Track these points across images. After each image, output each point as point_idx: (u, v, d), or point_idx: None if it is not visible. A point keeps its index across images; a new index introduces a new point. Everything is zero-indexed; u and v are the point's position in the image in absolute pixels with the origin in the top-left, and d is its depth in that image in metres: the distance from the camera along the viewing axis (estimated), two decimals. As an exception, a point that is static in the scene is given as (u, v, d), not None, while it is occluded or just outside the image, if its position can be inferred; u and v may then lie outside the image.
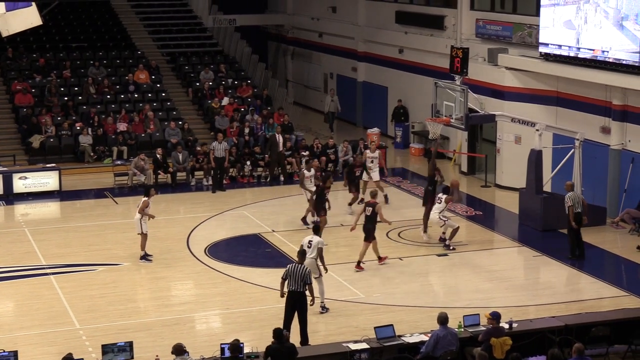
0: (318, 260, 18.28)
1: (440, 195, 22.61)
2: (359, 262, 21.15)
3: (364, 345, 15.48)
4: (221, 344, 15.01)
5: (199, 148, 29.86)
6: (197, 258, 22.20)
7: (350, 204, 25.55)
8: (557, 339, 15.90)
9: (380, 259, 21.40)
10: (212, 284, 20.52)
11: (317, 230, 18.92)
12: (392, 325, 16.03)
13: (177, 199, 27.95)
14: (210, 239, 23.57)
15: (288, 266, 17.15)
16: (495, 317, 15.54)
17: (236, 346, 14.59)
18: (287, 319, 16.84)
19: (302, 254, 17.42)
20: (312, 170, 25.35)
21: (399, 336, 15.84)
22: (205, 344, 16.38)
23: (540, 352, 15.74)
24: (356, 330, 17.17)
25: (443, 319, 15.42)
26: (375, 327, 15.93)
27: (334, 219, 24.66)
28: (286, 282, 16.90)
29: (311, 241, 18.40)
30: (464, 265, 21.65)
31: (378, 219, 21.13)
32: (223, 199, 27.51)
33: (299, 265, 16.94)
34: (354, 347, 15.44)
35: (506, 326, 16.05)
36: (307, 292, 16.88)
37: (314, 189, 24.12)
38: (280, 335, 14.73)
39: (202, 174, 29.25)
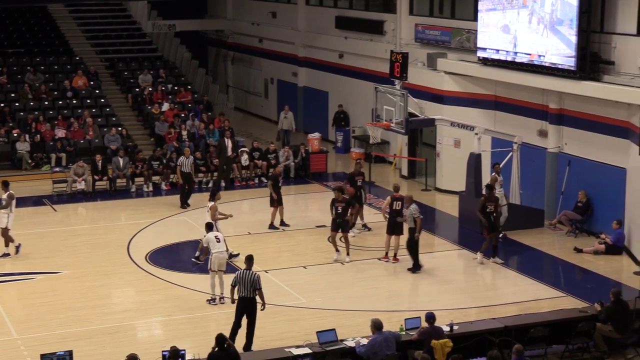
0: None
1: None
2: (395, 255, 22.03)
3: (307, 350, 15.53)
4: (162, 351, 14.92)
5: (139, 154, 29.68)
6: (138, 265, 22.03)
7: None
8: (497, 341, 16.09)
9: (386, 255, 22.10)
10: (153, 290, 20.38)
11: (211, 227, 19.64)
12: (334, 329, 16.10)
13: (117, 205, 27.69)
14: (151, 246, 23.41)
15: (237, 273, 17.18)
16: (429, 317, 15.72)
17: (176, 352, 14.51)
18: (236, 324, 16.91)
19: (249, 259, 17.32)
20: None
21: (341, 340, 15.90)
22: (146, 351, 16.22)
23: (480, 354, 15.92)
24: (298, 335, 17.18)
25: (378, 325, 15.54)
26: (317, 332, 15.98)
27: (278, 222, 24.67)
28: (236, 289, 16.92)
29: (218, 237, 19.12)
30: (406, 268, 21.75)
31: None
32: (164, 205, 27.34)
33: (248, 271, 16.94)
34: (296, 352, 15.48)
35: (447, 328, 16.20)
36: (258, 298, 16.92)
37: None
38: (222, 341, 14.69)
39: (143, 180, 29.07)
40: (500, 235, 23.20)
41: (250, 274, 16.86)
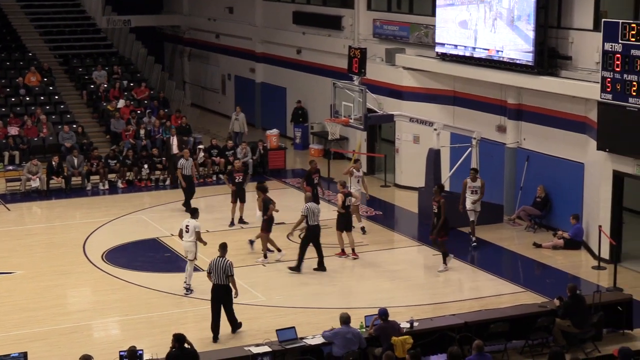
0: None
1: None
2: (353, 250, 21.96)
3: (266, 349, 15.41)
4: (120, 351, 14.71)
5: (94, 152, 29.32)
6: (94, 264, 21.74)
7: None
8: (457, 337, 16.05)
9: (343, 251, 22.01)
10: (110, 290, 20.12)
11: (193, 213, 19.68)
12: (294, 327, 15.96)
13: (72, 204, 27.32)
14: (108, 245, 23.11)
15: (211, 261, 17.31)
16: (382, 313, 15.66)
17: (134, 352, 14.33)
18: (214, 313, 17.10)
19: (222, 247, 17.48)
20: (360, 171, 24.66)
21: (301, 338, 15.79)
22: (103, 351, 15.99)
23: (441, 350, 15.88)
24: (258, 334, 17.07)
25: (345, 319, 15.56)
26: (277, 330, 15.84)
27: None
28: (211, 276, 17.16)
29: (188, 225, 19.33)
30: (365, 265, 21.71)
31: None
32: (120, 204, 27.04)
33: (221, 259, 17.15)
34: (255, 350, 15.34)
35: (407, 325, 16.14)
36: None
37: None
38: (182, 340, 14.51)
39: (98, 179, 28.72)
40: (473, 240, 23.10)
41: (222, 261, 17.09)
